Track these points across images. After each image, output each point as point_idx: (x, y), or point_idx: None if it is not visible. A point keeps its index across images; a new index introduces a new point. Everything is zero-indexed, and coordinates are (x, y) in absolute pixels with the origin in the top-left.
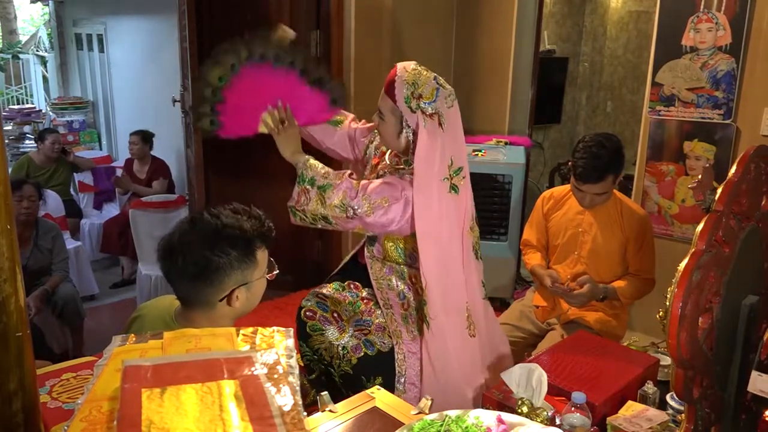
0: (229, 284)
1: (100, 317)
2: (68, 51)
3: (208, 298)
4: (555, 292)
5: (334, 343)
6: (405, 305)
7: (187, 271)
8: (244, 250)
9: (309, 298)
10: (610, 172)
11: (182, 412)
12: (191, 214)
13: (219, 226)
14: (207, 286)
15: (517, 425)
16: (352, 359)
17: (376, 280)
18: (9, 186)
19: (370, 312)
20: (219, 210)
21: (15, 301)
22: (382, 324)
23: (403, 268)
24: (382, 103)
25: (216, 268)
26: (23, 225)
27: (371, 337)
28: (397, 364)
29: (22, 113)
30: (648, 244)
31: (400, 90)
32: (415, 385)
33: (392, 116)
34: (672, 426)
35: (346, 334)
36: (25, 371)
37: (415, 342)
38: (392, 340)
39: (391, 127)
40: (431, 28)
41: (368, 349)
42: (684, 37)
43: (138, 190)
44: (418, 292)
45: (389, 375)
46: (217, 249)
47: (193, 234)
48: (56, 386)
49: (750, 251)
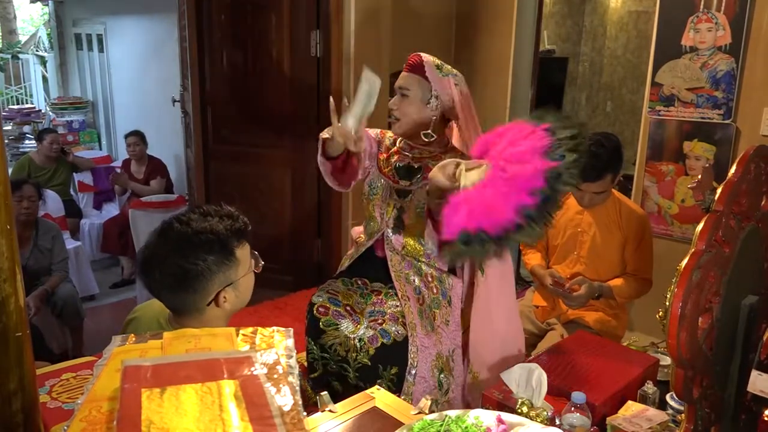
0: (213, 288)
1: (100, 317)
2: (68, 51)
3: (196, 305)
4: (554, 293)
5: (350, 337)
6: (420, 300)
7: (165, 283)
8: (221, 253)
9: (320, 294)
10: (608, 171)
11: (182, 412)
12: (161, 224)
13: (189, 233)
14: (190, 294)
15: (517, 425)
16: (370, 350)
17: (395, 272)
18: (9, 186)
19: (381, 303)
20: (188, 215)
21: (15, 301)
22: (395, 314)
23: (420, 264)
24: (406, 80)
25: (195, 276)
26: (23, 225)
27: (386, 326)
28: (410, 356)
29: (22, 113)
30: (646, 245)
31: (429, 65)
32: (425, 379)
33: (418, 88)
34: (672, 426)
35: (361, 326)
36: (24, 371)
37: (428, 337)
38: (406, 331)
39: (416, 99)
40: (431, 28)
41: (384, 338)
42: (684, 37)
43: (136, 188)
44: (432, 291)
45: (404, 366)
46: (192, 257)
47: (166, 245)
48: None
49: (750, 251)
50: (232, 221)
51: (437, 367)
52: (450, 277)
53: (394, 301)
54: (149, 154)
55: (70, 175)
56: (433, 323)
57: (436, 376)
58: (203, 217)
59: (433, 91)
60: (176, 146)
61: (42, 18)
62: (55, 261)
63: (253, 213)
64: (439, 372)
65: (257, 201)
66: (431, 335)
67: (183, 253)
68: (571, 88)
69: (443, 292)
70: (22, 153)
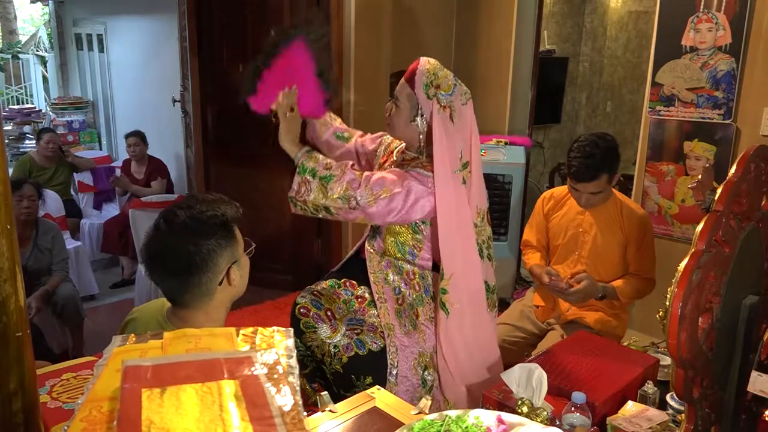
0: (222, 265)
1: (100, 317)
2: (68, 51)
3: (207, 287)
4: (553, 290)
5: (326, 341)
6: (399, 300)
7: (177, 270)
8: (224, 231)
9: (304, 295)
10: (604, 171)
11: (182, 412)
12: (160, 217)
13: (195, 216)
14: (204, 274)
15: (517, 425)
16: (343, 358)
17: (374, 273)
18: (9, 186)
19: (363, 311)
20: (187, 202)
21: (15, 301)
22: (374, 324)
23: (401, 263)
24: (400, 89)
25: (207, 254)
26: (23, 225)
27: (363, 336)
28: (389, 357)
29: (22, 113)
30: (648, 244)
31: (420, 78)
32: (407, 378)
33: (407, 102)
34: (672, 426)
35: (338, 332)
36: (25, 371)
37: (409, 336)
38: (384, 340)
39: (405, 113)
40: (431, 28)
41: (359, 348)
42: (684, 37)
43: (137, 191)
44: (415, 288)
45: (380, 375)
46: (202, 238)
47: (172, 233)
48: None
49: (750, 251)
50: (226, 204)
51: (420, 365)
52: (432, 274)
53: (374, 311)
54: (150, 154)
55: (71, 175)
56: (416, 321)
57: (420, 374)
58: (201, 202)
59: (419, 109)
60: (176, 146)
61: (42, 18)
62: (55, 261)
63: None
64: (423, 370)
65: (257, 201)
66: (413, 334)
67: (192, 237)
68: (571, 88)
69: (425, 289)
70: (22, 153)
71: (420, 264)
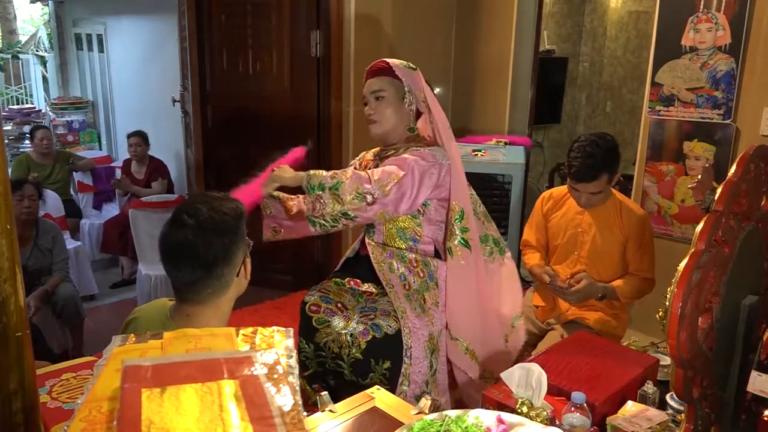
0: (240, 257)
1: (100, 317)
2: (68, 51)
3: (226, 279)
4: (552, 289)
5: (341, 332)
6: (406, 286)
7: (205, 263)
8: (241, 223)
9: (312, 293)
10: (604, 171)
11: (182, 412)
12: (180, 212)
13: (220, 210)
14: (226, 266)
15: (517, 425)
16: (361, 344)
17: (378, 263)
18: (9, 186)
19: (373, 300)
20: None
21: (15, 301)
22: (386, 309)
23: (403, 252)
24: (378, 83)
25: (231, 245)
26: (24, 224)
27: (377, 321)
28: (404, 338)
29: (22, 113)
30: (647, 244)
31: (397, 65)
32: (419, 360)
33: (391, 88)
34: (672, 426)
35: (352, 321)
36: (25, 371)
37: (419, 319)
38: (398, 323)
39: (392, 99)
40: (431, 29)
41: (375, 332)
42: (684, 37)
43: (138, 192)
44: (419, 275)
45: (397, 359)
46: (229, 232)
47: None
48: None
49: (750, 251)
50: (232, 200)
51: (429, 348)
52: (434, 260)
53: (385, 298)
54: (150, 154)
55: (69, 174)
56: (424, 305)
57: (429, 358)
58: (213, 198)
59: (406, 87)
60: (176, 146)
61: (42, 18)
62: (55, 261)
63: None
64: (430, 353)
65: None
66: (422, 317)
67: (219, 229)
68: (571, 88)
69: (430, 275)
70: (21, 153)
71: (422, 249)
